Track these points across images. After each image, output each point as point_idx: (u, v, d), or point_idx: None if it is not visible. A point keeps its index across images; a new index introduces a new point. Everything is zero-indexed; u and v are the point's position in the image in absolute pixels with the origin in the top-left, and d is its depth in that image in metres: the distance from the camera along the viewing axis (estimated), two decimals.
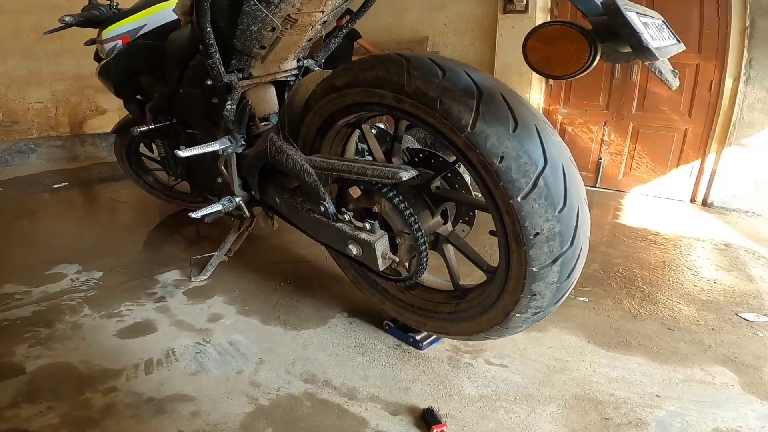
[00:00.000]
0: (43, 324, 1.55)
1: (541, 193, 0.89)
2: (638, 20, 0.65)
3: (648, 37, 0.64)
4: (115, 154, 2.57)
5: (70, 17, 1.84)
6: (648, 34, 0.65)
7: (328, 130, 1.28)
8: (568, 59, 0.69)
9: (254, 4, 1.19)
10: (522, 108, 0.91)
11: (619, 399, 1.24)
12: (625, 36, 0.64)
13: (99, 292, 1.77)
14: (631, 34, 0.63)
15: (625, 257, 2.14)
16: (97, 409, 1.19)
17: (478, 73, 0.95)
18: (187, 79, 1.60)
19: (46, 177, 3.54)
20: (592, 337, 1.52)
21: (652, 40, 0.66)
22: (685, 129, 2.97)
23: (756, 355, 1.43)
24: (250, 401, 1.23)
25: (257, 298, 1.74)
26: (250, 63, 1.47)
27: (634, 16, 0.65)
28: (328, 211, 1.27)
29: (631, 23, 0.63)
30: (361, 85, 1.08)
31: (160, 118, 1.83)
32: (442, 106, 0.93)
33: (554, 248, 0.93)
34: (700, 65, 2.84)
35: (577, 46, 0.68)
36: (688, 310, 1.69)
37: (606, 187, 3.32)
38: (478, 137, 0.89)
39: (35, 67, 3.82)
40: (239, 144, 1.46)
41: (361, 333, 1.52)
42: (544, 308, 1.05)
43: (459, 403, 1.23)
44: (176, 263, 2.01)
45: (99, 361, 1.37)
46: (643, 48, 0.63)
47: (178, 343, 1.47)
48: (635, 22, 0.63)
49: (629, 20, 0.63)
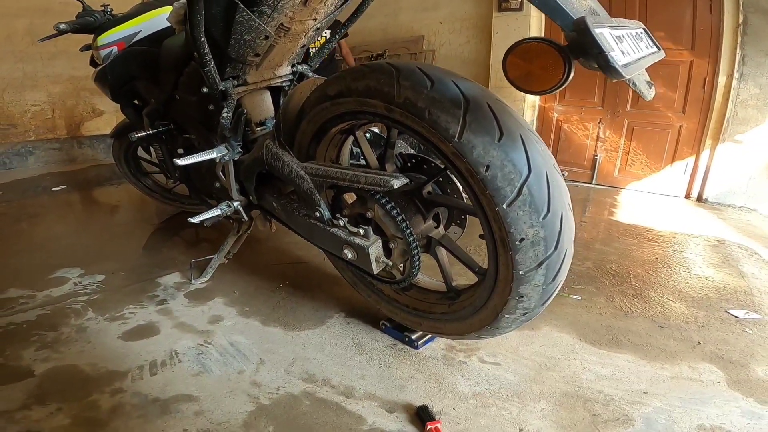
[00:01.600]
0: (48, 327, 1.59)
1: (525, 200, 0.92)
2: (610, 37, 0.68)
3: (617, 55, 0.66)
4: (113, 157, 2.59)
5: (64, 24, 1.85)
6: (618, 51, 0.68)
7: (323, 137, 1.31)
8: (546, 76, 0.72)
9: (247, 14, 1.22)
10: (508, 117, 0.94)
11: (607, 396, 1.28)
12: (593, 55, 0.67)
13: (102, 295, 1.81)
14: (598, 53, 0.66)
15: (618, 254, 2.17)
16: (105, 410, 1.23)
17: (466, 83, 0.98)
18: (182, 86, 1.62)
19: (44, 180, 3.56)
20: (584, 335, 1.55)
21: (622, 56, 0.68)
22: (679, 126, 3.00)
23: (743, 352, 1.47)
24: (251, 400, 1.26)
25: (257, 299, 1.77)
26: (245, 70, 1.49)
27: (605, 32, 0.67)
28: (324, 217, 1.30)
29: (598, 42, 0.65)
30: (353, 95, 1.11)
31: (157, 124, 1.84)
32: (430, 116, 0.96)
33: (539, 253, 0.97)
34: (694, 62, 2.87)
35: (552, 63, 0.71)
36: (678, 307, 1.73)
37: (601, 183, 3.35)
38: (465, 147, 0.92)
39: (30, 70, 3.83)
40: (236, 151, 1.49)
41: (358, 333, 1.56)
42: (532, 309, 1.08)
43: (453, 400, 1.26)
44: (176, 266, 2.04)
45: (105, 363, 1.40)
46: (609, 67, 0.66)
47: (181, 344, 1.50)
48: (604, 40, 0.66)
49: (597, 39, 0.65)
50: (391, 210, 1.19)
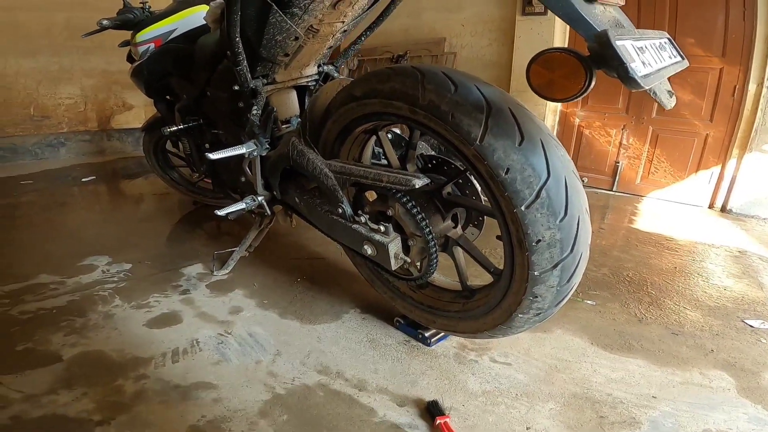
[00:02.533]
0: (77, 313, 1.65)
1: (543, 203, 0.94)
2: (632, 48, 0.70)
3: (637, 66, 0.68)
4: (143, 149, 2.66)
5: (107, 21, 1.93)
6: (639, 62, 0.70)
7: (347, 136, 1.35)
8: (567, 84, 0.74)
9: (279, 15, 1.26)
10: (528, 122, 0.96)
11: (616, 399, 1.29)
12: (613, 67, 0.69)
13: (128, 283, 1.87)
14: (619, 65, 0.68)
15: (636, 262, 2.16)
16: (129, 395, 1.28)
17: (489, 87, 1.00)
18: (214, 83, 1.68)
19: (74, 170, 3.67)
20: (596, 339, 1.56)
21: (643, 67, 0.70)
22: (706, 134, 2.93)
23: (756, 361, 1.46)
24: (267, 390, 1.30)
25: (275, 292, 1.82)
26: (274, 69, 1.54)
27: (627, 44, 0.69)
28: (346, 213, 1.34)
29: (619, 54, 0.67)
30: (378, 96, 1.14)
31: (187, 119, 1.90)
32: (453, 119, 0.98)
33: (555, 254, 0.99)
34: (724, 69, 2.80)
35: (574, 72, 0.73)
36: (694, 315, 1.72)
37: (622, 191, 3.31)
38: (486, 150, 0.95)
39: (66, 64, 3.92)
40: (264, 147, 1.54)
41: (372, 329, 1.59)
42: (545, 310, 1.10)
43: (462, 397, 1.28)
44: (199, 257, 2.11)
45: (130, 350, 1.46)
46: (629, 78, 0.68)
47: (202, 333, 1.55)
48: (625, 51, 0.68)
49: (618, 51, 0.67)
50: (412, 209, 1.22)
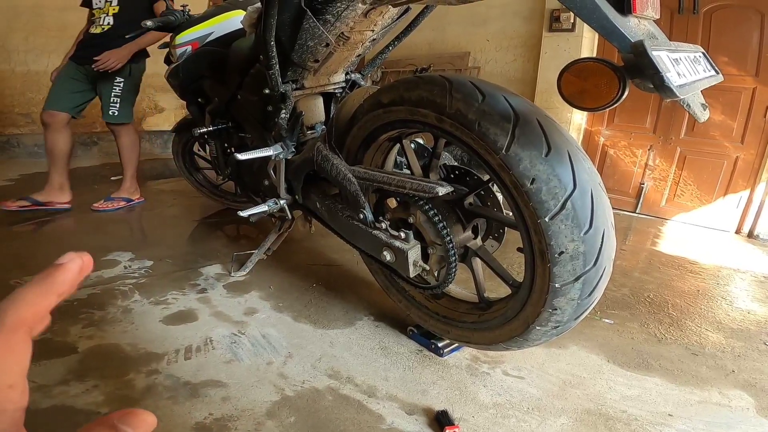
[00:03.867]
0: (97, 306, 1.68)
1: (568, 215, 0.93)
2: (667, 59, 0.69)
3: (672, 76, 0.68)
4: (171, 151, 2.73)
5: (150, 22, 1.99)
6: (675, 72, 0.69)
7: (371, 143, 1.36)
8: (599, 93, 0.74)
9: (313, 21, 1.29)
10: (556, 133, 0.96)
11: (630, 416, 1.26)
12: (648, 75, 0.68)
13: (148, 280, 1.91)
14: (654, 74, 0.67)
15: (657, 284, 2.11)
16: (139, 389, 1.29)
17: (516, 98, 1.01)
18: (245, 86, 1.71)
19: (104, 169, 3.79)
20: (613, 357, 1.52)
21: (678, 77, 0.70)
22: (736, 156, 2.84)
23: None
24: (276, 391, 1.30)
25: (291, 296, 1.83)
26: (304, 75, 1.57)
27: (663, 55, 0.69)
28: (367, 219, 1.34)
29: (655, 63, 0.67)
30: (405, 104, 1.15)
31: (217, 121, 1.95)
32: (480, 128, 0.99)
33: (577, 267, 0.97)
34: (757, 89, 2.71)
35: (607, 82, 0.73)
36: (716, 337, 1.66)
37: (646, 213, 3.23)
38: (512, 159, 0.95)
39: None
40: (290, 151, 1.57)
41: (385, 336, 1.58)
42: (564, 323, 1.08)
43: (473, 408, 1.27)
44: (218, 258, 2.14)
45: (144, 345, 1.48)
46: (665, 87, 0.67)
47: (216, 332, 1.57)
48: (661, 61, 0.67)
49: (654, 60, 0.67)
50: (433, 216, 1.21)
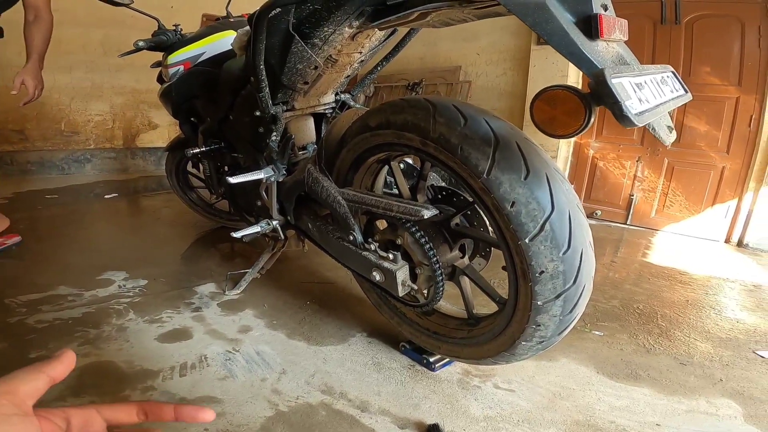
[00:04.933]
0: (92, 325, 1.69)
1: (547, 236, 0.96)
2: (629, 85, 0.72)
3: (633, 104, 0.71)
4: (165, 169, 2.74)
5: (143, 42, 1.99)
6: (636, 99, 0.72)
7: (361, 165, 1.39)
8: (568, 120, 0.78)
9: (301, 45, 1.33)
10: (535, 156, 0.99)
11: (619, 426, 1.27)
12: (608, 104, 0.71)
13: (143, 298, 1.92)
14: (613, 103, 0.70)
15: (647, 295, 2.14)
16: None
17: (498, 122, 1.04)
18: (237, 107, 1.74)
19: (98, 187, 3.78)
20: (602, 368, 1.54)
21: (639, 104, 0.73)
22: (722, 166, 2.87)
23: (766, 390, 1.43)
24: (271, 407, 1.32)
25: (284, 314, 1.84)
26: (294, 96, 1.61)
27: (624, 82, 0.72)
28: (356, 240, 1.37)
29: (614, 92, 0.69)
30: (391, 128, 1.18)
31: (210, 141, 1.97)
32: (462, 153, 1.02)
33: (558, 285, 1.00)
34: (740, 99, 2.75)
35: (574, 109, 0.76)
36: (704, 346, 1.69)
37: (637, 224, 3.25)
38: (493, 183, 0.98)
39: (98, 80, 4.00)
40: (281, 173, 1.60)
41: (378, 352, 1.60)
42: (548, 338, 1.11)
43: (464, 421, 1.28)
44: (212, 276, 2.15)
45: (140, 362, 1.49)
46: (623, 116, 0.70)
47: (211, 350, 1.58)
48: (621, 89, 0.70)
49: (612, 89, 0.69)
50: (420, 238, 1.24)
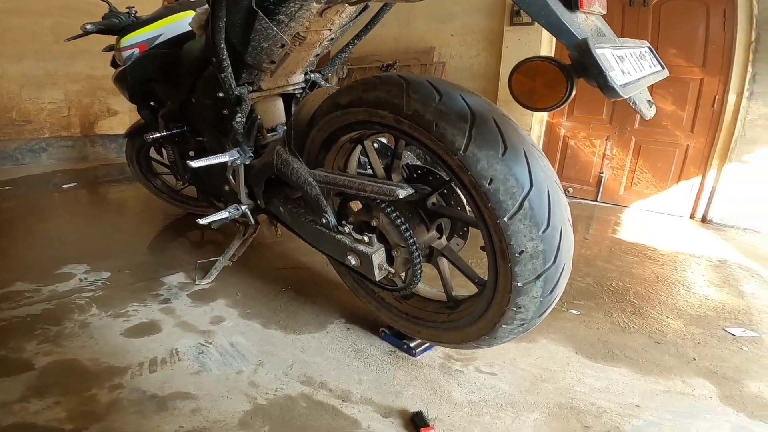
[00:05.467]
0: (52, 322, 1.61)
1: (526, 214, 0.94)
2: (611, 57, 0.70)
3: (616, 75, 0.68)
4: (125, 156, 2.63)
5: (91, 25, 1.89)
6: (619, 71, 0.70)
7: (332, 145, 1.34)
8: (548, 93, 0.75)
9: (265, 22, 1.26)
10: (512, 132, 0.96)
11: (600, 408, 1.29)
12: (592, 75, 0.69)
13: (106, 292, 1.83)
14: (598, 73, 0.68)
15: (619, 272, 2.18)
16: (103, 404, 1.24)
17: (474, 97, 1.01)
18: (199, 89, 1.66)
19: (55, 176, 3.60)
20: (581, 348, 1.56)
21: (622, 76, 0.71)
22: (687, 145, 2.97)
23: (738, 369, 1.48)
24: (248, 400, 1.28)
25: (259, 302, 1.79)
26: (260, 76, 1.53)
27: (607, 53, 0.69)
28: (330, 223, 1.33)
29: (599, 62, 0.67)
30: (363, 105, 1.14)
31: (171, 125, 1.88)
32: (437, 129, 0.98)
33: (538, 265, 0.99)
34: (704, 80, 2.83)
35: (555, 81, 0.73)
36: (676, 324, 1.73)
37: (607, 201, 3.34)
38: (470, 160, 0.95)
39: (51, 68, 3.86)
40: (247, 156, 1.53)
41: (357, 339, 1.57)
42: (529, 320, 1.10)
43: (448, 407, 1.28)
44: (181, 266, 2.07)
45: (106, 359, 1.42)
46: (608, 87, 0.68)
47: (182, 343, 1.52)
48: (605, 60, 0.68)
49: (597, 59, 0.67)
50: (396, 219, 1.21)
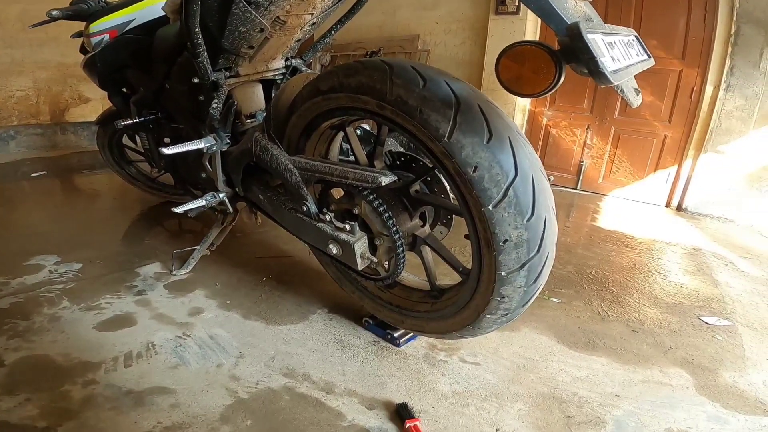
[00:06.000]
0: (21, 316, 1.55)
1: (510, 202, 0.93)
2: (602, 43, 0.69)
3: (607, 61, 0.67)
4: (97, 144, 2.55)
5: (57, 11, 1.82)
6: (609, 57, 0.69)
7: (313, 131, 1.31)
8: (536, 79, 0.73)
9: (243, 5, 1.21)
10: (497, 119, 0.95)
11: (581, 398, 1.31)
12: (583, 60, 0.67)
13: (78, 284, 1.77)
14: (590, 58, 0.66)
15: (598, 260, 2.21)
16: (76, 401, 1.21)
17: (458, 84, 0.98)
18: (173, 75, 1.60)
19: (24, 165, 3.49)
20: (562, 337, 1.58)
21: (612, 62, 0.69)
22: (664, 134, 3.03)
23: (712, 358, 1.51)
24: (229, 394, 1.25)
25: (239, 292, 1.76)
26: (238, 62, 1.48)
27: (597, 38, 0.68)
28: (311, 211, 1.30)
29: (590, 47, 0.65)
30: (345, 90, 1.10)
31: (144, 112, 1.82)
32: (421, 115, 0.96)
33: (522, 254, 0.98)
34: (683, 72, 2.88)
35: (543, 66, 0.72)
36: (653, 312, 1.77)
37: (586, 189, 3.39)
38: (454, 147, 0.93)
39: (18, 56, 3.79)
40: (224, 142, 1.48)
41: (340, 329, 1.56)
42: (513, 310, 1.10)
43: (432, 398, 1.27)
44: (157, 256, 2.01)
45: (78, 354, 1.38)
46: (599, 72, 0.66)
47: (159, 336, 1.48)
48: (596, 45, 0.66)
49: (589, 44, 0.66)
50: (378, 207, 1.19)
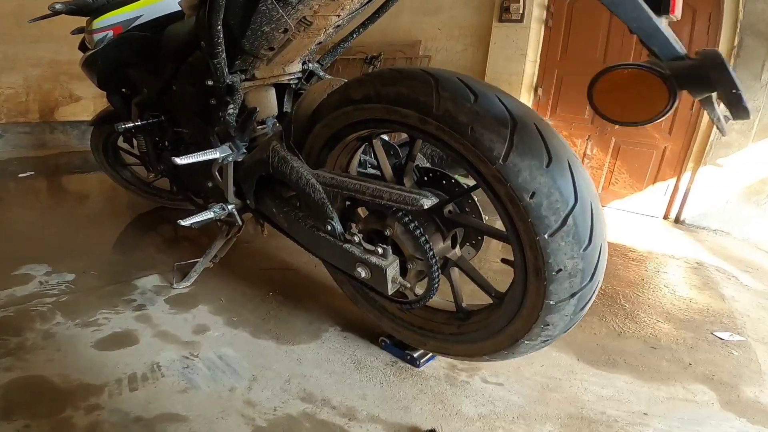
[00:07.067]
0: (12, 332, 1.44)
1: (569, 231, 0.88)
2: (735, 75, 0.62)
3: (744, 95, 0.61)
4: (90, 145, 2.42)
5: (60, 5, 1.70)
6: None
7: (337, 143, 1.23)
8: (643, 105, 0.66)
9: (271, 3, 1.13)
10: (555, 140, 0.88)
11: (610, 417, 1.28)
12: (725, 92, 0.61)
13: (71, 297, 1.66)
14: (734, 92, 0.60)
15: (606, 274, 2.13)
16: (81, 428, 1.12)
17: (511, 99, 0.92)
18: (182, 76, 1.51)
19: (11, 164, 3.32)
20: (581, 354, 1.54)
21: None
22: (664, 147, 3.02)
23: (732, 374, 1.50)
24: (246, 422, 1.17)
25: (245, 308, 1.67)
26: (255, 64, 1.40)
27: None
28: (335, 231, 1.21)
29: (734, 80, 0.60)
30: (382, 101, 1.03)
31: (146, 114, 1.73)
32: (473, 134, 0.89)
33: (575, 284, 0.93)
34: None
35: (653, 92, 0.65)
36: (667, 328, 1.75)
37: None
38: (510, 170, 0.86)
39: (11, 52, 3.66)
40: (240, 152, 1.38)
41: (356, 349, 1.48)
42: (554, 337, 1.05)
43: (459, 423, 1.22)
44: (155, 266, 1.90)
45: (78, 375, 1.28)
46: (740, 107, 0.61)
47: (163, 356, 1.39)
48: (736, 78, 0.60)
49: (733, 76, 0.60)
50: (415, 229, 1.11)
